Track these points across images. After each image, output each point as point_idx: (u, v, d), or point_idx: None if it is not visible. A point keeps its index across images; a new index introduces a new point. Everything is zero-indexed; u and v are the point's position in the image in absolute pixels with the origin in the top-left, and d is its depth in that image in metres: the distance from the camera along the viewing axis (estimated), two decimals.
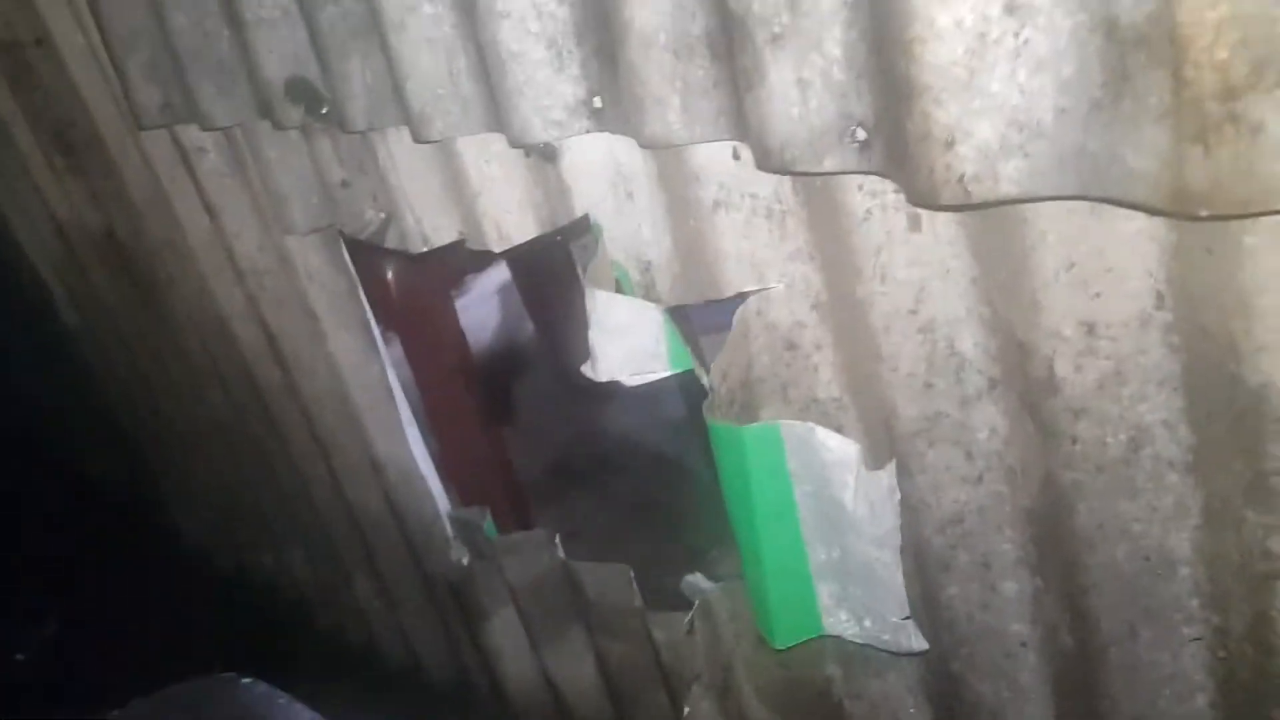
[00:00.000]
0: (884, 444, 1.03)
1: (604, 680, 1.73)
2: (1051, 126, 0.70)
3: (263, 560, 2.64)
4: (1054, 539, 0.99)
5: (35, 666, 2.95)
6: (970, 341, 0.96)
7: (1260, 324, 0.75)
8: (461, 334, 1.86)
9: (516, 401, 3.03)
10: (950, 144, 0.73)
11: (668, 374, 1.11)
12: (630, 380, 1.11)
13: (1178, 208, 0.66)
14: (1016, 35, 0.69)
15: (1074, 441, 0.91)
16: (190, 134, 1.72)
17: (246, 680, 1.23)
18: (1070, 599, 1.01)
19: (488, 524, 1.78)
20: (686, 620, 1.31)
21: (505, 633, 1.88)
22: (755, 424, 1.02)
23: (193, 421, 2.49)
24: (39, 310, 2.84)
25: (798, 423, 1.02)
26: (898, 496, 1.00)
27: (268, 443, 2.21)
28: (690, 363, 1.10)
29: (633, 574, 1.55)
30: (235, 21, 1.35)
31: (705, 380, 1.06)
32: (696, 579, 1.46)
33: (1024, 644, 1.10)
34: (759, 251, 1.05)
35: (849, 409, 1.09)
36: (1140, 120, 0.65)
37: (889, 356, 1.00)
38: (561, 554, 1.65)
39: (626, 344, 1.08)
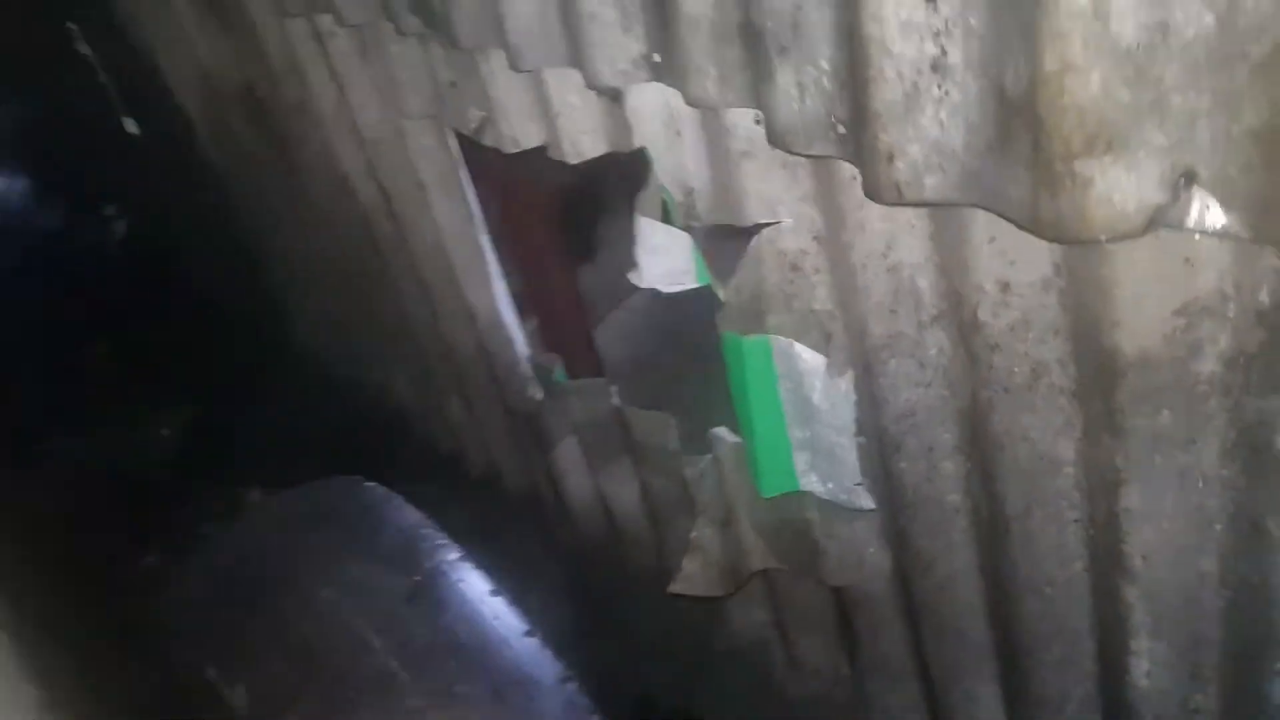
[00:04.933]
0: (855, 353, 1.32)
1: (645, 505, 2.10)
2: (961, 154, 0.96)
3: (372, 377, 3.08)
4: (978, 436, 1.29)
5: (178, 444, 3.48)
6: (926, 281, 1.23)
7: (1113, 307, 1.02)
8: (554, 228, 2.16)
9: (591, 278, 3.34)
10: (890, 159, 0.99)
11: (694, 286, 1.40)
12: (665, 288, 1.41)
13: (1037, 231, 0.92)
14: (939, 87, 0.94)
15: (990, 368, 1.20)
16: (325, 21, 2.00)
17: (369, 484, 1.59)
18: (987, 482, 1.32)
19: (558, 371, 2.14)
20: (700, 466, 1.65)
21: (568, 458, 2.27)
22: (751, 336, 1.32)
23: (316, 259, 2.87)
24: (184, 141, 3.20)
25: (782, 339, 1.32)
26: (853, 398, 1.31)
27: (380, 283, 2.58)
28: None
29: (674, 421, 1.89)
30: None
31: (720, 294, 1.35)
32: (722, 432, 1.79)
33: (956, 510, 1.42)
34: (775, 193, 1.32)
35: (838, 319, 1.38)
36: (1015, 164, 0.90)
37: (864, 287, 1.28)
38: (616, 400, 2.01)
39: (664, 261, 1.38)
